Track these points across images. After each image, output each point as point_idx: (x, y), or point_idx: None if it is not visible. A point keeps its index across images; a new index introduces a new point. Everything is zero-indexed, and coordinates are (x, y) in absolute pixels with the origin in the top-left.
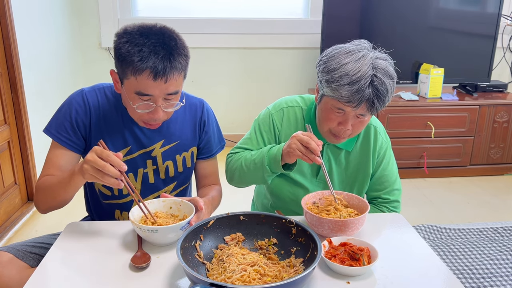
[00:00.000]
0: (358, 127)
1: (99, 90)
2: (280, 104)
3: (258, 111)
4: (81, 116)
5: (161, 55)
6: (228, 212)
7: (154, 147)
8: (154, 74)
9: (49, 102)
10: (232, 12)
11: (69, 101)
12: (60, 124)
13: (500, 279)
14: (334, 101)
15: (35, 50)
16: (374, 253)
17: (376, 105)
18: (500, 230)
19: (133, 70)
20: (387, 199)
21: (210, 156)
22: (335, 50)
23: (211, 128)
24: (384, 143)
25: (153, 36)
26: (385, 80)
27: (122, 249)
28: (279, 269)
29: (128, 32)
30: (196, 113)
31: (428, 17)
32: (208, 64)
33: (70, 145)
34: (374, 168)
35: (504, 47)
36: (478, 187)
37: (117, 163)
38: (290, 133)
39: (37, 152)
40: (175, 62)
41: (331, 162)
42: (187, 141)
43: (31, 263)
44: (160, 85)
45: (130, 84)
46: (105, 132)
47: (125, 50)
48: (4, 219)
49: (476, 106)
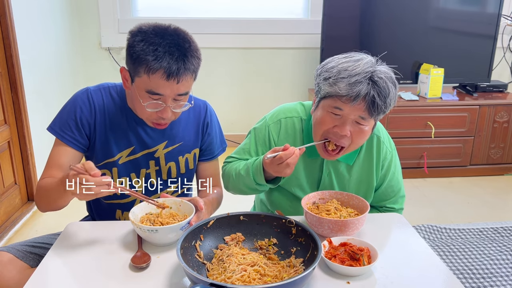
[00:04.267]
0: (358, 137)
1: (104, 89)
2: (278, 114)
3: (258, 111)
4: (85, 114)
5: (175, 56)
6: (228, 212)
7: (158, 148)
8: (167, 74)
9: (49, 102)
10: (232, 12)
11: (74, 99)
12: (64, 123)
13: (500, 279)
14: (331, 101)
15: (35, 50)
16: (374, 253)
17: (375, 104)
18: (500, 230)
19: (146, 69)
20: (392, 208)
21: (211, 158)
22: (331, 58)
23: (214, 130)
24: (388, 152)
25: (168, 36)
26: (387, 81)
27: (122, 249)
28: (279, 269)
29: (143, 31)
30: (199, 114)
31: (428, 17)
32: (208, 64)
33: (73, 143)
34: (378, 181)
35: (504, 47)
36: (478, 187)
37: (97, 183)
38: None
39: (37, 152)
40: (188, 64)
41: (331, 175)
42: (190, 142)
43: (31, 263)
44: (172, 86)
45: (142, 82)
46: (109, 132)
47: (139, 48)
48: (4, 219)
49: (476, 106)
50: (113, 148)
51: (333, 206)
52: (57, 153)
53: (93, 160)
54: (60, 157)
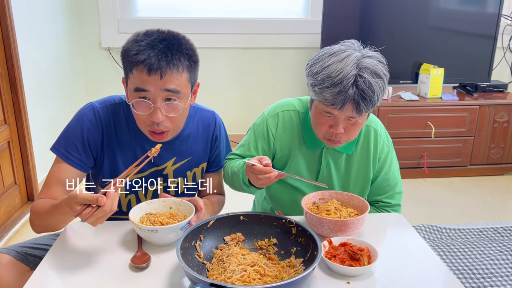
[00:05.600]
0: (352, 130)
1: (111, 105)
2: (275, 109)
3: (258, 111)
4: (93, 134)
5: (157, 49)
6: (228, 212)
7: (166, 165)
8: (148, 68)
9: (49, 102)
10: (232, 12)
11: (80, 117)
12: (70, 143)
13: (500, 279)
14: (321, 105)
15: (35, 50)
16: (374, 253)
17: (362, 105)
18: (500, 230)
19: (130, 64)
20: (388, 203)
21: (217, 170)
22: (321, 52)
23: (222, 143)
24: (385, 146)
25: (156, 33)
26: (371, 79)
27: (122, 249)
28: (279, 269)
29: (137, 33)
30: (208, 128)
31: (428, 17)
32: (208, 64)
33: (79, 164)
34: (375, 172)
35: (504, 47)
36: (478, 187)
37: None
38: (286, 138)
39: (37, 152)
40: (173, 59)
41: (330, 166)
42: (199, 157)
43: (31, 266)
44: (156, 81)
45: (130, 81)
46: (117, 149)
47: (127, 47)
48: (4, 219)
49: (476, 106)
50: (121, 167)
51: (333, 206)
52: (58, 171)
53: (99, 177)
54: (62, 174)
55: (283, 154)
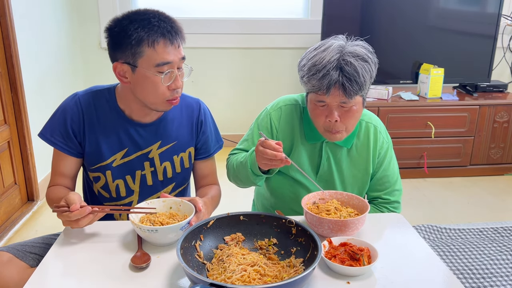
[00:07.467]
0: (348, 118)
1: (93, 92)
2: (278, 103)
3: (258, 111)
4: (76, 122)
5: (166, 22)
6: (228, 212)
7: (151, 149)
8: (169, 39)
9: (49, 102)
10: (232, 12)
11: (63, 108)
12: (54, 130)
13: (500, 279)
14: (313, 95)
15: (35, 50)
16: (374, 253)
17: (348, 88)
18: (500, 230)
19: (149, 42)
20: (387, 200)
21: (208, 156)
22: (307, 50)
23: (209, 128)
24: (385, 142)
25: (145, 11)
26: (354, 61)
27: (122, 249)
28: (279, 269)
29: (120, 19)
30: (192, 113)
31: (428, 17)
32: (208, 64)
33: (67, 150)
34: (374, 168)
35: (504, 47)
36: (478, 187)
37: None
38: (288, 131)
39: (37, 152)
40: (177, 27)
41: (330, 160)
42: (184, 141)
43: (31, 263)
44: (175, 50)
45: (148, 59)
46: (101, 135)
47: (133, 29)
48: (4, 219)
49: (476, 106)
50: (105, 152)
51: (333, 206)
52: (56, 160)
53: (85, 164)
54: (60, 165)
55: (286, 147)
